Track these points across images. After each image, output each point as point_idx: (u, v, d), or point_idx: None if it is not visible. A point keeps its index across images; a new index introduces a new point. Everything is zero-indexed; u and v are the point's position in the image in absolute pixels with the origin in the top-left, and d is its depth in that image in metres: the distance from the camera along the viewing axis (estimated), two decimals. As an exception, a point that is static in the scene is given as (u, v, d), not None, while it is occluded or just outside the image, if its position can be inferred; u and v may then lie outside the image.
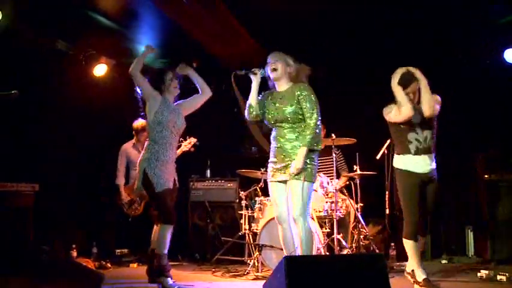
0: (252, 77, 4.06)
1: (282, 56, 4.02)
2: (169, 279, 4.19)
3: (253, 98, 4.06)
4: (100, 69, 6.11)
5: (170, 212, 4.24)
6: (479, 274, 4.50)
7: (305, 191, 3.81)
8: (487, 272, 4.48)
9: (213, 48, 6.10)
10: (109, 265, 5.61)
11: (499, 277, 4.36)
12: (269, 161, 4.05)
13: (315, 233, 4.66)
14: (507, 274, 4.32)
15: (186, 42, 5.93)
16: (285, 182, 3.93)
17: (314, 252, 4.39)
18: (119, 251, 6.07)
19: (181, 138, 4.89)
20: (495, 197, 5.55)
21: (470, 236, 5.86)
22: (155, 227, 4.33)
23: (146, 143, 4.34)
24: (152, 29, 5.75)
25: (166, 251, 4.22)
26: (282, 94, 4.01)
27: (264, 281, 4.55)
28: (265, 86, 4.13)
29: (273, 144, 4.01)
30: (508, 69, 5.57)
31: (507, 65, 5.58)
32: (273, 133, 4.03)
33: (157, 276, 4.19)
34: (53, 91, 5.72)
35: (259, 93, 4.09)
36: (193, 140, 5.36)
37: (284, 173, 3.89)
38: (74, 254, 5.68)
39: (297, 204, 3.82)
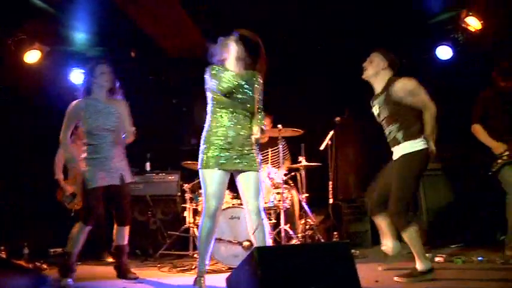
0: (235, 45, 3.79)
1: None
2: (70, 280, 4.13)
3: (233, 64, 3.82)
4: (32, 56, 5.67)
5: (91, 212, 4.20)
6: (436, 259, 4.66)
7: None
8: (444, 256, 4.70)
9: (154, 35, 5.89)
10: (45, 266, 5.25)
11: (437, 259, 4.62)
12: (214, 147, 3.74)
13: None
14: (444, 255, 4.60)
15: (124, 30, 5.70)
16: (229, 171, 3.79)
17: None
18: (52, 250, 5.73)
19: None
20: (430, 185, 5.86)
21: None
22: (115, 226, 4.32)
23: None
24: (89, 14, 5.47)
25: (76, 250, 4.21)
26: (244, 77, 3.80)
27: (214, 274, 4.59)
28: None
29: (224, 131, 3.75)
30: (440, 66, 5.88)
31: (439, 61, 5.88)
32: (224, 118, 3.78)
33: (61, 275, 4.15)
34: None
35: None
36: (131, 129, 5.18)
37: (240, 162, 3.76)
38: (3, 256, 5.28)
39: (261, 194, 3.78)
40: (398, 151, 4.02)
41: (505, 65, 4.85)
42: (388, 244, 4.18)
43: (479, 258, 4.65)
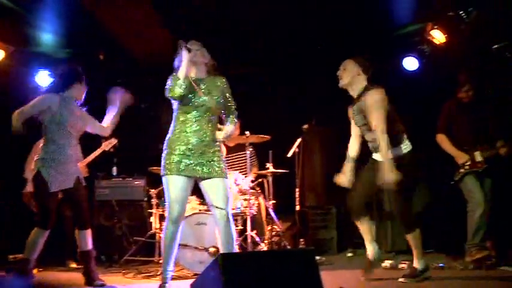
0: (186, 52, 3.72)
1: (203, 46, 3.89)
2: None
3: (184, 73, 3.68)
4: (-4, 56, 5.55)
5: (49, 216, 4.13)
6: (383, 264, 4.79)
7: None
8: (390, 262, 4.82)
9: (123, 39, 5.84)
10: (4, 273, 5.10)
11: (400, 265, 4.73)
12: (176, 153, 3.71)
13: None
14: (407, 262, 4.68)
15: (93, 32, 5.64)
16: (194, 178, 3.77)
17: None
18: (12, 256, 5.57)
19: (103, 139, 4.74)
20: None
21: (372, 230, 6.21)
22: (76, 230, 4.24)
23: (42, 142, 4.20)
24: (57, 15, 5.37)
25: (33, 257, 4.13)
26: (203, 82, 3.84)
27: (179, 280, 4.56)
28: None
29: (187, 137, 3.73)
30: (408, 76, 6.00)
31: (406, 72, 6.00)
32: (187, 123, 3.74)
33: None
34: None
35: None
36: (113, 141, 5.16)
37: (202, 169, 3.72)
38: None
39: (229, 200, 3.77)
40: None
41: (462, 77, 5.00)
42: (370, 248, 4.25)
43: (441, 265, 4.77)
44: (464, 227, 4.87)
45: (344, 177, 4.33)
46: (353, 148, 4.38)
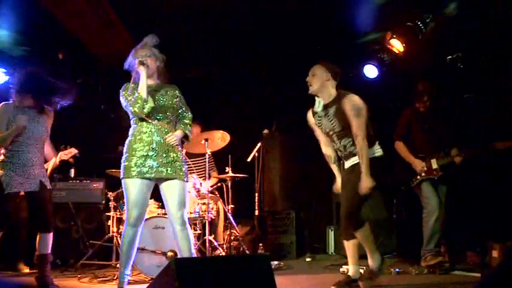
0: (142, 68, 3.74)
1: (155, 50, 3.88)
2: None
3: (145, 92, 3.70)
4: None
5: (8, 218, 4.19)
6: (341, 269, 4.83)
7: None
8: (348, 267, 4.86)
9: (83, 39, 5.73)
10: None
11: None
12: (137, 155, 3.71)
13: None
14: (364, 267, 4.76)
15: (52, 30, 5.51)
16: (153, 179, 3.75)
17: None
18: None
19: (61, 147, 4.69)
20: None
21: (331, 235, 6.31)
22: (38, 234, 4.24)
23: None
24: (13, 11, 5.23)
25: None
26: (159, 87, 3.88)
27: (136, 285, 4.49)
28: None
29: (147, 139, 3.73)
30: (368, 83, 6.10)
31: (367, 79, 6.11)
32: (147, 126, 3.75)
33: None
34: None
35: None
36: (73, 151, 5.02)
37: (164, 170, 3.71)
38: None
39: (186, 204, 3.76)
40: (353, 162, 3.99)
41: (419, 88, 5.12)
42: (350, 269, 4.14)
43: (397, 270, 4.85)
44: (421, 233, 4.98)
45: (339, 182, 4.24)
46: (329, 150, 4.23)
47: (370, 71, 6.05)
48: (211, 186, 5.66)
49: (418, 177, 4.99)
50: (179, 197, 3.73)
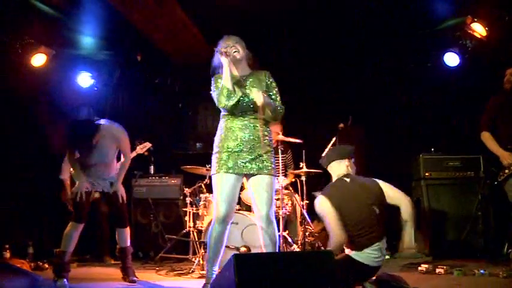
0: (224, 59, 3.61)
1: (239, 39, 3.74)
2: (65, 280, 4.19)
3: (230, 82, 3.57)
4: (38, 59, 5.76)
5: (81, 211, 4.31)
6: (419, 268, 4.64)
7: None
8: (426, 266, 4.64)
9: (158, 40, 5.94)
10: (46, 266, 5.32)
11: (437, 270, 4.54)
12: (225, 151, 3.61)
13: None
14: (445, 267, 4.50)
15: (130, 34, 5.77)
16: (244, 175, 3.66)
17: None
18: (57, 250, 5.79)
19: (137, 142, 4.89)
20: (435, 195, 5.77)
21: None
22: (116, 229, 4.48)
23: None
24: (95, 19, 5.54)
25: (70, 249, 4.30)
26: (247, 79, 3.73)
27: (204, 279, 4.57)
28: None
29: (236, 135, 3.63)
30: (448, 72, 5.76)
31: (447, 67, 5.77)
32: (235, 122, 3.65)
33: (56, 275, 4.23)
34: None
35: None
36: (148, 145, 5.27)
37: (253, 165, 3.60)
38: (7, 255, 5.38)
39: (273, 201, 3.66)
40: None
41: (506, 75, 4.71)
42: None
43: (481, 271, 4.52)
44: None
45: None
46: None
47: (451, 59, 5.71)
48: (287, 183, 5.63)
49: (506, 171, 4.61)
50: (267, 192, 3.62)
